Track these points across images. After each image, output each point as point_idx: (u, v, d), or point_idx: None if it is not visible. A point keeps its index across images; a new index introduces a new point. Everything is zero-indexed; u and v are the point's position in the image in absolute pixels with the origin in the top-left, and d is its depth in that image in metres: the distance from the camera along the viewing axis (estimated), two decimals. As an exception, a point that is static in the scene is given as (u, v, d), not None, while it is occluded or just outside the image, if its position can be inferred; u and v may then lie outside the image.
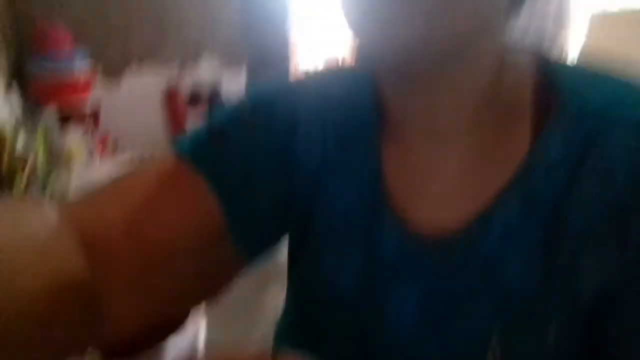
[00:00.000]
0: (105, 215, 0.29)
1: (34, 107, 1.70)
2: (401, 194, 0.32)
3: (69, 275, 0.26)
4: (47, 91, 1.67)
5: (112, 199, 0.30)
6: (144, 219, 0.29)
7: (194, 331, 0.97)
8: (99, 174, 1.51)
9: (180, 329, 0.40)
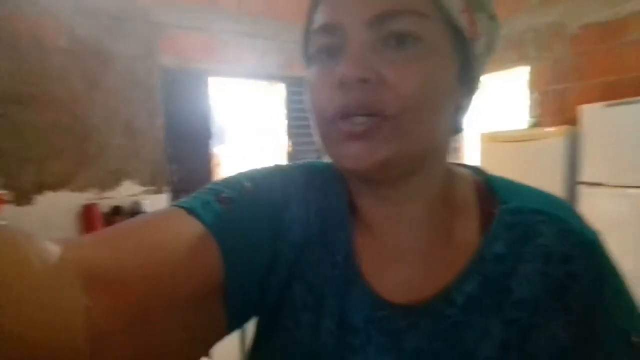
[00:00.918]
0: (119, 254, 0.30)
1: None
2: (371, 271, 0.40)
3: (67, 329, 0.25)
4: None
5: (127, 242, 0.32)
6: (157, 264, 0.31)
7: None
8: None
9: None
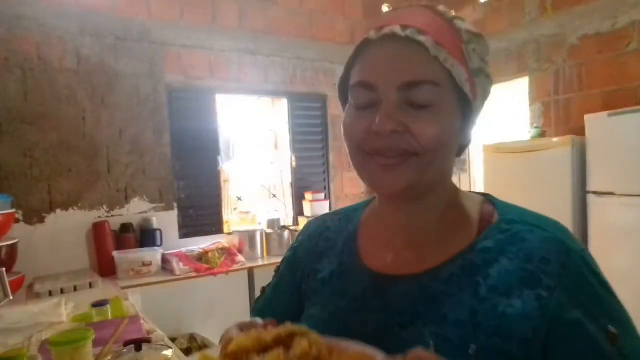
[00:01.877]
0: None
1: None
2: (370, 257, 0.52)
3: None
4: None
5: None
6: None
7: None
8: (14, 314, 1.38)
9: None
